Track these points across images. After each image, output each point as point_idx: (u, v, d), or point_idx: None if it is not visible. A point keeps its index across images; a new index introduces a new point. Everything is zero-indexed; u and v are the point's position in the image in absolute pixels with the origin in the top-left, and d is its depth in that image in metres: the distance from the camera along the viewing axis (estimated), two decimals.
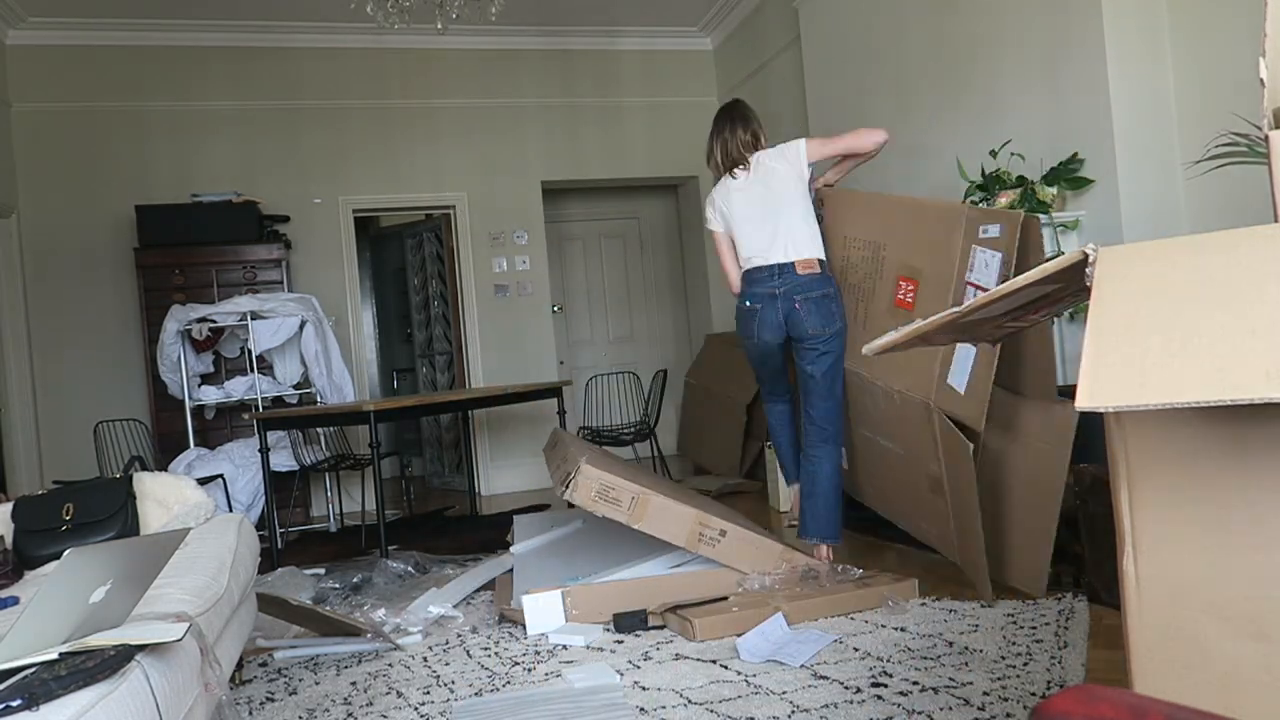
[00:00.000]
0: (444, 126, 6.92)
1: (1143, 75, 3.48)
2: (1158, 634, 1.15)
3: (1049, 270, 1.23)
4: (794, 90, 6.10)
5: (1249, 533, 1.11)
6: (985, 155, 3.89)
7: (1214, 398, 0.95)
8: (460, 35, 6.72)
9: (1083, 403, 1.03)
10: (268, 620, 3.33)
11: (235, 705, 2.57)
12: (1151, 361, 1.01)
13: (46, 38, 6.10)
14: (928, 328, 1.56)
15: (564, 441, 4.05)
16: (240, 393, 5.73)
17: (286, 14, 6.37)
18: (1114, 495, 1.21)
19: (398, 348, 8.34)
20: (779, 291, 3.43)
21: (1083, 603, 2.90)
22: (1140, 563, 1.18)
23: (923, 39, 4.48)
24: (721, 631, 2.86)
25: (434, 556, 4.27)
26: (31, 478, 5.92)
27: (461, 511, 6.01)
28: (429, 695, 2.60)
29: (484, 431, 6.94)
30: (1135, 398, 1.00)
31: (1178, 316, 1.03)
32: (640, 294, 8.11)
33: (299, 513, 5.97)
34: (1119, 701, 0.69)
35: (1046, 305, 1.59)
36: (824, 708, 2.25)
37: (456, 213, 6.97)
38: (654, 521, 3.15)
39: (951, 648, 2.59)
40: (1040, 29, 3.75)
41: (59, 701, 1.36)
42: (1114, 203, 3.47)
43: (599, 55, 7.27)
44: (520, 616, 3.14)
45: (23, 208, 6.09)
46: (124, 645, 1.56)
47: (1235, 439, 1.12)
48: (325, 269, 6.62)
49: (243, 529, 2.81)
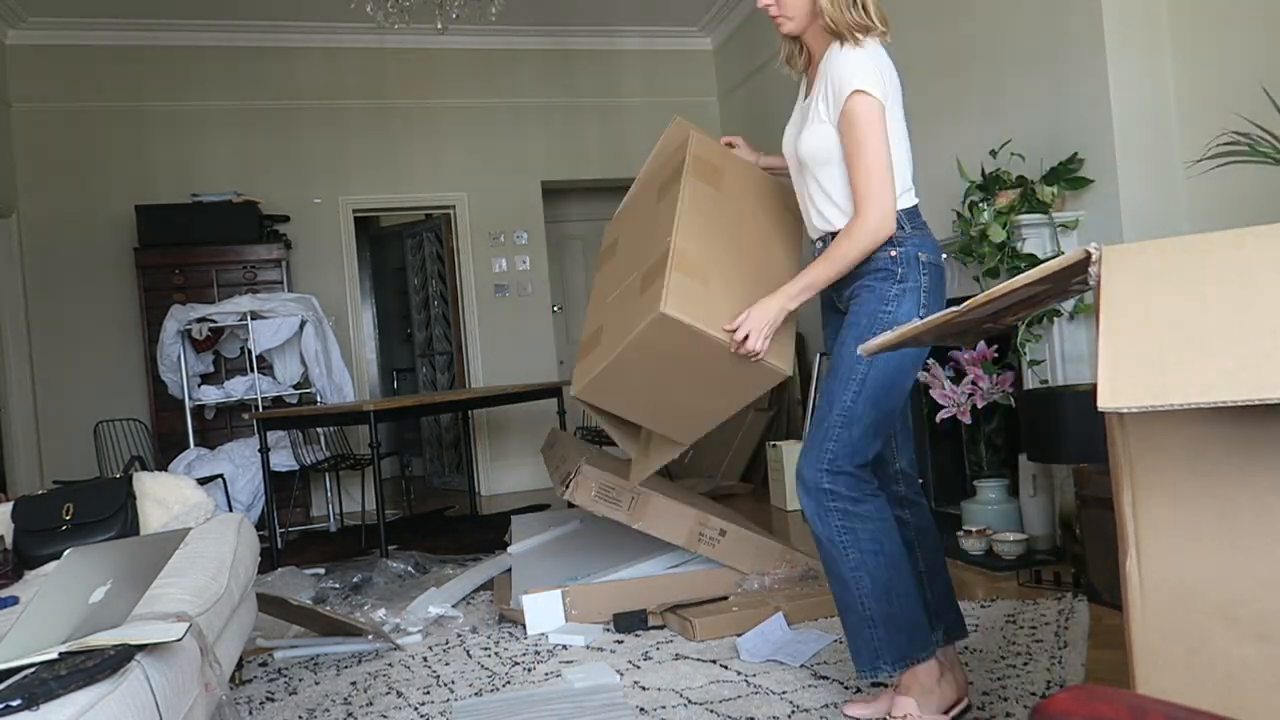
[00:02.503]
0: (444, 126, 6.92)
1: (1143, 75, 3.47)
2: (1161, 635, 1.15)
3: (1050, 270, 1.23)
4: (794, 90, 6.09)
5: (1253, 533, 1.11)
6: (985, 155, 3.89)
7: (1238, 397, 0.95)
8: (460, 35, 6.72)
9: (1105, 403, 1.02)
10: (268, 620, 3.32)
11: (235, 705, 2.57)
12: (1171, 361, 1.00)
13: (46, 38, 6.09)
14: (923, 328, 1.56)
15: (562, 441, 4.06)
16: (240, 393, 5.72)
17: (286, 14, 6.36)
18: (1116, 495, 1.21)
19: (398, 348, 8.34)
20: None
21: (1083, 603, 2.90)
22: (1143, 564, 1.17)
23: (922, 38, 4.48)
24: (721, 631, 2.86)
25: (434, 556, 4.27)
26: (31, 478, 5.92)
27: (461, 511, 6.01)
28: (429, 695, 2.60)
29: (484, 431, 6.94)
30: (1157, 398, 1.00)
31: (1192, 316, 1.03)
32: None
33: (299, 513, 5.97)
34: (1119, 701, 0.69)
35: (1027, 306, 1.59)
36: (824, 708, 2.25)
37: (456, 213, 6.97)
38: (653, 521, 3.15)
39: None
40: (1040, 29, 3.75)
41: (59, 701, 1.36)
42: (1114, 202, 3.47)
43: (599, 55, 7.26)
44: (520, 616, 3.14)
45: (23, 208, 6.09)
46: (124, 645, 1.56)
47: (1239, 439, 1.12)
48: (325, 269, 6.62)
49: (243, 529, 2.81)
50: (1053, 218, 3.59)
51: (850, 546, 2.04)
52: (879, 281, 2.08)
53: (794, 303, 2.12)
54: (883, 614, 2.02)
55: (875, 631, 2.03)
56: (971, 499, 3.79)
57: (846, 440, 2.04)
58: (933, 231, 2.20)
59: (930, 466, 4.63)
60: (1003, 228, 3.61)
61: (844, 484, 2.04)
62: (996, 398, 3.75)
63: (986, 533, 3.56)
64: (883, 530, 2.05)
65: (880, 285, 2.08)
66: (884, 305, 2.06)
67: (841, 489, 2.04)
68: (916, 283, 2.07)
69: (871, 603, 2.03)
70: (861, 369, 2.03)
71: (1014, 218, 3.61)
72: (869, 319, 2.07)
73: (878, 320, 2.05)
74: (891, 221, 2.02)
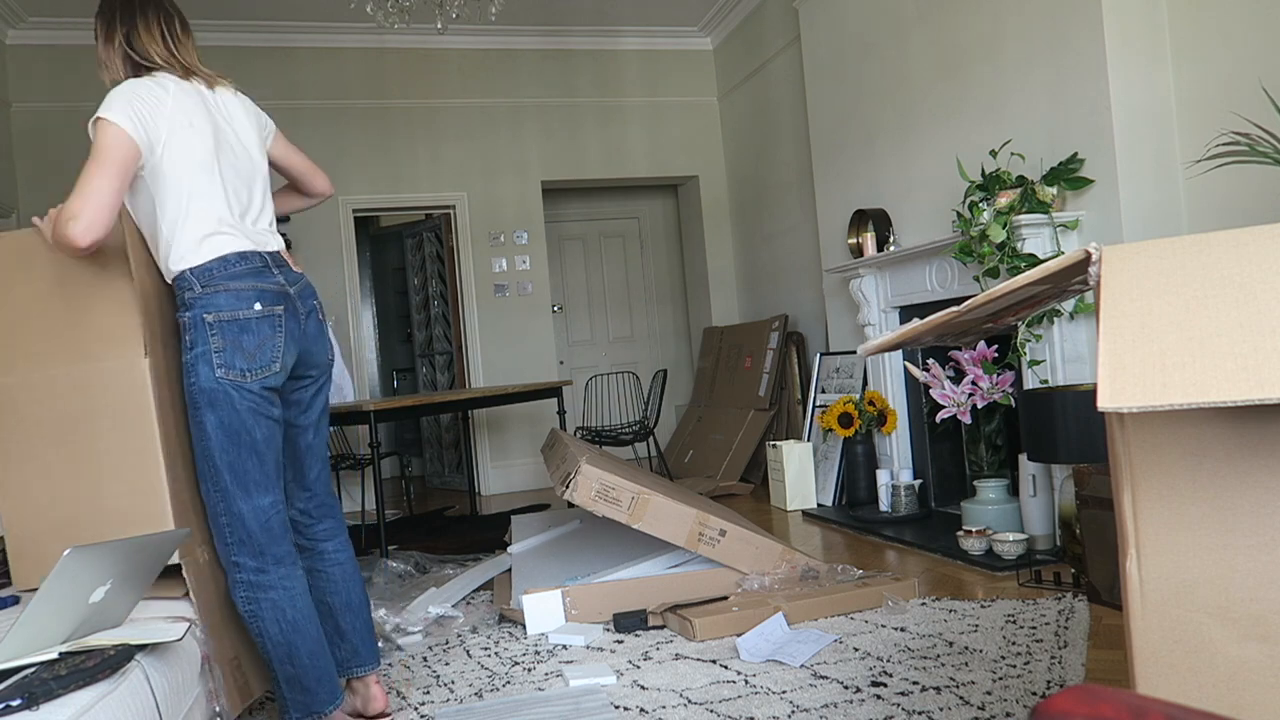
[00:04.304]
0: (444, 126, 6.92)
1: (1143, 75, 3.48)
2: (1161, 636, 1.15)
3: (1050, 270, 1.23)
4: (794, 90, 6.10)
5: (1253, 533, 1.11)
6: (985, 155, 3.89)
7: (1240, 397, 0.95)
8: (460, 35, 6.72)
9: (1105, 403, 1.02)
10: None
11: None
12: (1172, 361, 1.00)
13: (46, 38, 6.09)
14: (923, 328, 1.56)
15: (562, 441, 4.06)
16: None
17: (286, 14, 6.36)
18: (1116, 496, 1.21)
19: (398, 348, 8.34)
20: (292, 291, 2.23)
21: (1083, 603, 2.90)
22: (1143, 564, 1.17)
23: (923, 39, 4.48)
24: (721, 631, 2.86)
25: (434, 556, 4.27)
26: None
27: (461, 511, 6.01)
28: (429, 695, 2.60)
29: (484, 431, 6.94)
30: (1158, 398, 1.00)
31: (1193, 316, 1.03)
32: (640, 294, 8.11)
33: None
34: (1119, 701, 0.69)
35: (1027, 306, 1.59)
36: (824, 708, 2.25)
37: (456, 212, 6.97)
38: (654, 521, 3.15)
39: (951, 648, 2.59)
40: (1040, 29, 3.75)
41: (59, 701, 1.36)
42: (1114, 203, 3.47)
43: (599, 55, 7.26)
44: (520, 616, 3.14)
45: (23, 208, 6.09)
46: (124, 645, 1.56)
47: (1239, 439, 1.12)
48: (325, 269, 6.62)
49: None
50: (1053, 218, 3.59)
51: (255, 616, 2.14)
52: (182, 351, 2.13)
53: None
54: (286, 675, 2.16)
55: (281, 689, 2.18)
56: (971, 499, 3.79)
57: (231, 513, 2.12)
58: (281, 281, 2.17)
59: (930, 466, 4.63)
60: (1003, 228, 3.61)
61: (247, 555, 2.13)
62: (996, 398, 3.75)
63: (986, 533, 3.56)
64: (284, 598, 2.15)
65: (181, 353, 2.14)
66: (186, 375, 2.11)
67: (245, 560, 2.13)
68: (206, 346, 2.07)
69: (277, 665, 2.16)
70: (202, 444, 2.10)
71: (1014, 218, 3.61)
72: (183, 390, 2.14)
73: (189, 391, 2.11)
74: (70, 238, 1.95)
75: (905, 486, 4.44)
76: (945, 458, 4.64)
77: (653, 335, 8.10)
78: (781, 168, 6.51)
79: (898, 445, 4.73)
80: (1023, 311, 1.63)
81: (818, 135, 5.53)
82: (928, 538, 3.96)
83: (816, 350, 5.85)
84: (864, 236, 4.73)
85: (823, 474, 5.15)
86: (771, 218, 6.70)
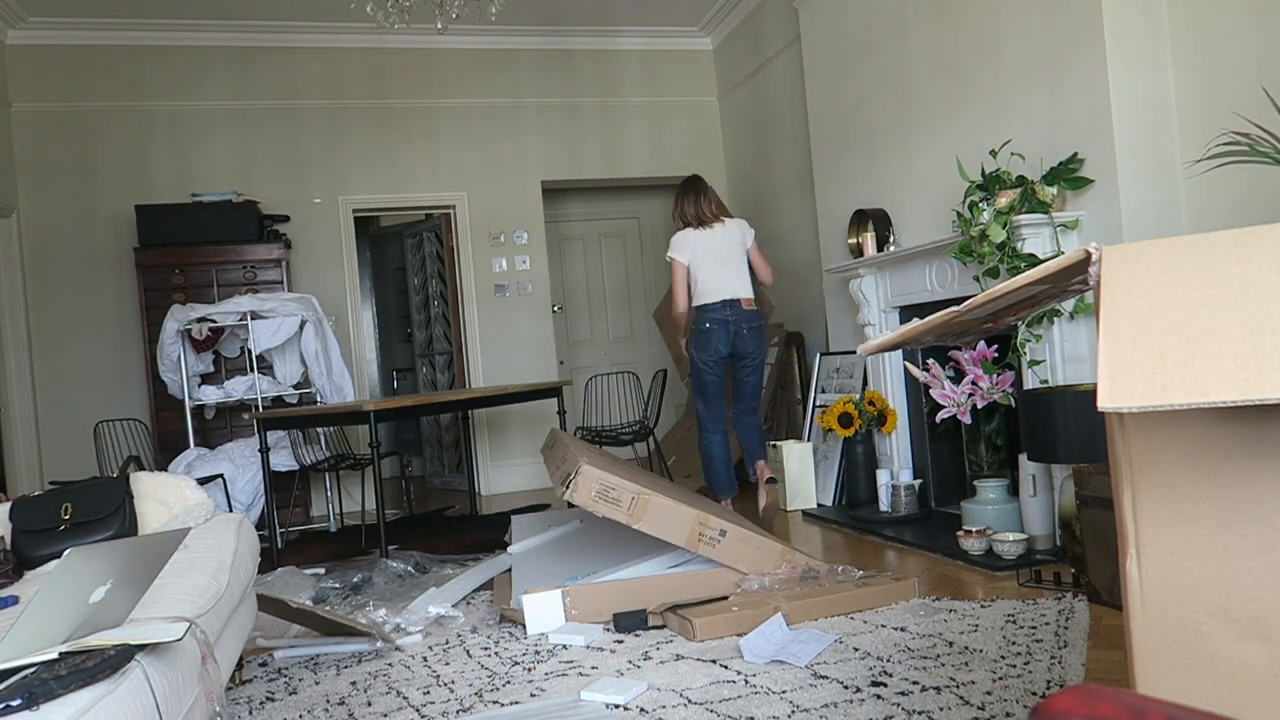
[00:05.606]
0: (444, 126, 6.92)
1: (1143, 75, 3.47)
2: (1161, 636, 1.15)
3: (1049, 269, 1.23)
4: (794, 90, 6.10)
5: (1253, 533, 1.11)
6: (985, 155, 3.89)
7: (1240, 397, 0.95)
8: (460, 35, 6.72)
9: (1104, 403, 1.02)
10: (268, 620, 3.33)
11: (234, 704, 2.57)
12: (1172, 361, 1.00)
13: (46, 38, 6.09)
14: (923, 328, 1.56)
15: (562, 441, 4.05)
16: (240, 392, 5.72)
17: (286, 14, 6.36)
18: (1116, 496, 1.21)
19: (398, 348, 8.34)
20: (730, 319, 4.60)
21: (1083, 603, 2.90)
22: (1144, 564, 1.17)
23: (923, 39, 4.48)
24: (721, 631, 2.86)
25: (434, 556, 4.27)
26: (31, 478, 5.92)
27: (461, 511, 6.01)
28: (429, 695, 2.60)
29: (484, 431, 6.94)
30: (1158, 398, 0.99)
31: (1193, 316, 1.02)
32: (640, 294, 8.10)
33: (299, 513, 5.97)
34: (1119, 701, 0.69)
35: (1027, 306, 1.59)
36: (824, 708, 2.25)
37: (456, 213, 6.97)
38: (654, 521, 3.15)
39: (951, 648, 2.59)
40: (1040, 29, 3.75)
41: (59, 701, 1.36)
42: (1114, 202, 3.47)
43: (599, 55, 7.26)
44: (520, 616, 3.14)
45: (23, 208, 6.09)
46: (124, 645, 1.56)
47: (1239, 439, 1.12)
48: (325, 269, 6.62)
49: (243, 529, 2.81)
50: (1053, 218, 3.59)
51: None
52: None
53: None
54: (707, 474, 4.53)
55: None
56: (971, 499, 3.79)
57: None
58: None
59: (930, 466, 4.63)
60: (1003, 228, 3.61)
61: None
62: (996, 398, 3.75)
63: (986, 533, 3.56)
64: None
65: None
66: None
67: None
68: None
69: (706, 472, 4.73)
70: None
71: (1014, 218, 3.61)
72: None
73: None
74: None
75: (905, 486, 4.44)
76: (945, 458, 4.63)
77: (653, 335, 8.10)
78: (781, 168, 6.51)
79: (898, 445, 4.73)
80: (1023, 311, 1.63)
81: (818, 135, 5.52)
82: (928, 538, 3.96)
83: (816, 350, 5.85)
84: (864, 236, 4.73)
85: (823, 474, 5.15)
86: (771, 217, 6.69)
